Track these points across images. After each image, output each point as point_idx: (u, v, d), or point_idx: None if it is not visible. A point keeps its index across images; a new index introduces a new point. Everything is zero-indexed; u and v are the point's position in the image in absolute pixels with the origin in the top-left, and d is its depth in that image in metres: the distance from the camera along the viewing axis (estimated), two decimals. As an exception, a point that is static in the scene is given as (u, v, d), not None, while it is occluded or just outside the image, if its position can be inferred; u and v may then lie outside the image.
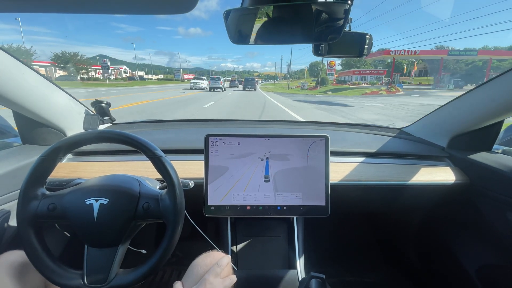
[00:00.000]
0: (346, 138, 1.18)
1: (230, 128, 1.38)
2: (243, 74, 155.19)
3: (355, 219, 1.59)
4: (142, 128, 1.34)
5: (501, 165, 0.85)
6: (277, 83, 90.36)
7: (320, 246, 1.34)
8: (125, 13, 0.34)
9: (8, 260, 0.58)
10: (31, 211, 0.55)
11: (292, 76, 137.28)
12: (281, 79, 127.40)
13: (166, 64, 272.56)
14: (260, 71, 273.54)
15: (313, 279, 0.59)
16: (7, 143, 1.07)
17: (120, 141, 0.58)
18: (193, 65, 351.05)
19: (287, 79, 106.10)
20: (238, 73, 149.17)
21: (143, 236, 0.84)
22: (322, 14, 0.55)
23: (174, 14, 0.34)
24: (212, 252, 0.68)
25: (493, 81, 0.82)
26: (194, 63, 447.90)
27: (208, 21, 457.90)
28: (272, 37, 0.59)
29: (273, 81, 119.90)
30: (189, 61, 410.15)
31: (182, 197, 0.59)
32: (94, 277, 0.55)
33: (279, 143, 0.81)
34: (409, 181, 0.93)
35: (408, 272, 1.33)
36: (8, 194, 0.78)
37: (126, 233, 0.58)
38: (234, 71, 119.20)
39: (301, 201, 0.81)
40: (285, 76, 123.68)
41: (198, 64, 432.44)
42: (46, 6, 0.32)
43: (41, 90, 0.87)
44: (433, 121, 1.16)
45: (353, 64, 56.34)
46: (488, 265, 0.92)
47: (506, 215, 0.83)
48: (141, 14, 0.35)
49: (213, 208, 0.80)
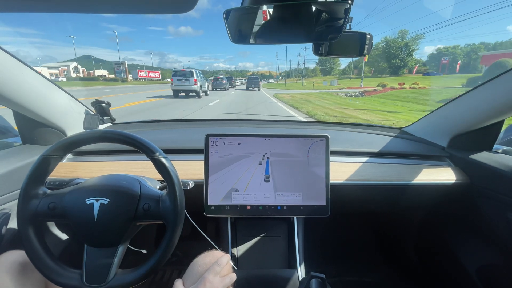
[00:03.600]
0: (346, 138, 1.18)
1: (230, 128, 1.37)
2: (235, 73, 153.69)
3: (355, 219, 1.59)
4: (142, 128, 1.34)
5: (501, 165, 0.85)
6: (279, 82, 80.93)
7: (320, 246, 1.34)
8: (124, 12, 0.34)
9: (8, 260, 0.58)
10: (31, 210, 0.55)
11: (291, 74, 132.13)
12: (276, 78, 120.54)
13: (157, 64, 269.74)
14: (253, 70, 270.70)
15: (313, 279, 0.59)
16: (7, 143, 1.07)
17: (121, 141, 0.58)
18: (184, 66, 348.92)
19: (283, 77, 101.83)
20: (230, 73, 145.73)
21: (143, 236, 0.84)
22: (323, 13, 0.55)
23: (174, 13, 0.34)
24: (212, 252, 0.68)
25: (493, 81, 0.82)
26: (185, 63, 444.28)
27: (199, 20, 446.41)
28: (273, 37, 0.59)
29: (273, 80, 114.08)
30: (180, 61, 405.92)
31: (182, 199, 0.59)
32: (93, 276, 0.55)
33: (279, 143, 0.81)
34: (409, 181, 0.93)
35: (408, 272, 1.33)
36: (9, 194, 0.78)
37: (126, 233, 0.58)
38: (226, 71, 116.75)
39: (301, 201, 0.81)
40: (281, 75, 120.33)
41: (189, 64, 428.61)
42: (46, 5, 0.32)
43: (41, 90, 0.86)
44: (433, 121, 1.16)
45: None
46: (488, 265, 0.92)
47: (507, 215, 0.82)
48: (141, 14, 0.34)
49: (213, 208, 0.80)
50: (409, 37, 63.33)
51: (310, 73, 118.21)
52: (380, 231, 1.57)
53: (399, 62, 55.87)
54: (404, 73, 54.21)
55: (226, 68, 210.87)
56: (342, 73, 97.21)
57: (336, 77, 74.14)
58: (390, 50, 57.39)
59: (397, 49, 56.55)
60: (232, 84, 29.17)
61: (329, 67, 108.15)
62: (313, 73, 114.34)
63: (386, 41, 61.14)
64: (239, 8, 0.55)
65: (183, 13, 0.33)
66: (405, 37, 63.08)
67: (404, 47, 57.31)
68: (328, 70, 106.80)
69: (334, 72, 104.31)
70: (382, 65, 65.61)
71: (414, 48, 57.46)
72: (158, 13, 0.34)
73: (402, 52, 56.71)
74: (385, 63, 62.66)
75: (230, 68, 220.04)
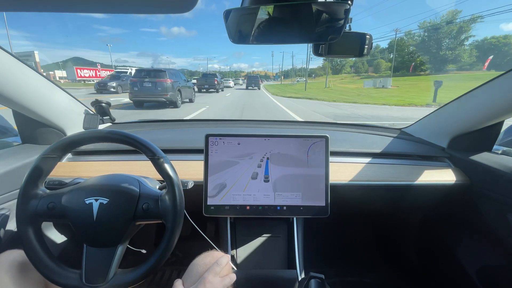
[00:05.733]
0: (346, 139, 1.18)
1: (230, 128, 1.37)
2: (229, 74, 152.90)
3: (354, 219, 1.59)
4: (142, 127, 1.34)
5: (501, 166, 0.85)
6: (286, 83, 61.43)
7: (320, 246, 1.34)
8: (124, 12, 0.34)
9: (8, 259, 0.58)
10: (31, 209, 0.54)
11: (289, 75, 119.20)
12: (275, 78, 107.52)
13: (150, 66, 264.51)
14: (248, 71, 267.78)
15: (312, 279, 0.59)
16: (6, 143, 1.07)
17: (121, 141, 0.58)
18: (178, 67, 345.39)
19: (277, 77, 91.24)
20: (225, 74, 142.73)
21: (142, 236, 0.84)
22: (323, 14, 0.55)
23: (174, 13, 0.33)
24: (212, 252, 0.68)
25: (493, 81, 0.82)
26: (179, 64, 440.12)
27: (192, 20, 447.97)
28: (272, 37, 0.59)
29: (271, 81, 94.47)
30: (174, 63, 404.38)
31: (182, 199, 0.59)
32: (92, 276, 0.55)
33: (279, 143, 0.81)
34: (409, 181, 0.93)
35: (408, 273, 1.33)
36: (8, 194, 0.78)
37: (125, 233, 0.58)
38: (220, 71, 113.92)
39: (301, 201, 0.81)
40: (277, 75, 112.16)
41: (183, 65, 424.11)
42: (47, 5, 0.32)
43: (41, 90, 0.86)
44: (433, 121, 1.16)
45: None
46: (488, 266, 0.92)
47: (507, 216, 0.82)
48: (140, 13, 0.34)
49: (213, 208, 0.80)
50: (459, 20, 42.56)
51: (318, 71, 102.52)
52: (380, 232, 1.57)
53: (449, 55, 37.52)
54: (450, 69, 36.49)
55: (220, 69, 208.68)
56: (354, 71, 78.95)
57: (386, 73, 46.53)
58: (436, 37, 39.49)
59: (447, 36, 39.84)
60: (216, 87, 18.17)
61: (340, 63, 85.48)
62: (322, 71, 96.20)
63: (425, 28, 42.91)
64: (239, 8, 0.55)
65: (177, 14, 0.33)
66: (455, 20, 43.02)
67: (455, 33, 39.54)
68: (339, 68, 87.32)
69: (346, 69, 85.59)
70: (420, 59, 45.67)
71: (468, 36, 38.66)
72: (157, 13, 0.34)
73: (453, 41, 38.76)
74: (422, 57, 44.69)
75: (225, 68, 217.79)
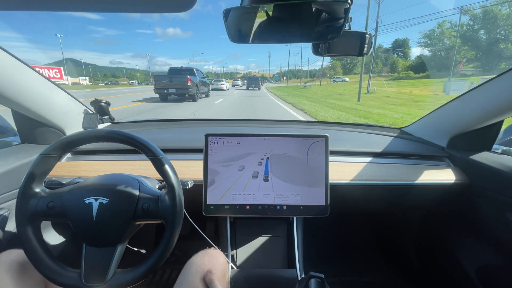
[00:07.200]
0: (346, 138, 1.18)
1: (229, 128, 1.37)
2: (225, 75, 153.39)
3: (354, 219, 1.59)
4: (141, 127, 1.34)
5: (501, 165, 0.85)
6: (294, 85, 50.13)
7: (320, 245, 1.34)
8: (123, 11, 0.33)
9: (7, 259, 0.58)
10: (30, 209, 0.54)
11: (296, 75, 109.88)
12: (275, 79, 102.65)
13: (146, 67, 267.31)
14: (244, 72, 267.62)
15: (312, 279, 0.59)
16: (6, 142, 1.07)
17: (120, 140, 0.58)
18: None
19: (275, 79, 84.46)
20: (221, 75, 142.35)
21: (142, 235, 0.84)
22: (322, 13, 0.55)
23: (173, 13, 0.33)
24: (209, 250, 0.68)
25: (493, 81, 0.82)
26: (175, 66, 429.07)
27: (188, 21, 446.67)
28: (272, 36, 0.59)
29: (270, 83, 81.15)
30: (170, 64, 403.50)
31: (181, 199, 0.59)
32: (92, 276, 0.55)
33: (278, 143, 0.81)
34: (409, 181, 0.93)
35: (407, 272, 1.33)
36: (7, 193, 0.77)
37: (125, 233, 0.58)
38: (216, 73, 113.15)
39: (300, 200, 0.81)
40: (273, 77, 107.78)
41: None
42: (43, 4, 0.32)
43: (40, 89, 0.86)
44: (433, 121, 1.16)
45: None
46: (488, 265, 0.92)
47: (506, 215, 0.83)
48: (140, 12, 0.34)
49: (212, 208, 0.80)
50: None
51: (327, 71, 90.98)
52: (379, 231, 1.57)
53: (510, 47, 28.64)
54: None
55: (217, 71, 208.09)
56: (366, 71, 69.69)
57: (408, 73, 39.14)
58: (490, 26, 28.90)
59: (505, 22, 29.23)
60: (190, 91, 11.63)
61: (351, 62, 74.26)
62: (331, 71, 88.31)
63: (473, 15, 32.80)
64: (238, 7, 0.54)
65: (172, 14, 0.33)
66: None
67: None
68: (349, 68, 79.70)
69: (357, 69, 76.07)
70: (471, 54, 36.89)
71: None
72: (157, 12, 0.34)
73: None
74: (471, 51, 35.39)
75: (221, 70, 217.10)
